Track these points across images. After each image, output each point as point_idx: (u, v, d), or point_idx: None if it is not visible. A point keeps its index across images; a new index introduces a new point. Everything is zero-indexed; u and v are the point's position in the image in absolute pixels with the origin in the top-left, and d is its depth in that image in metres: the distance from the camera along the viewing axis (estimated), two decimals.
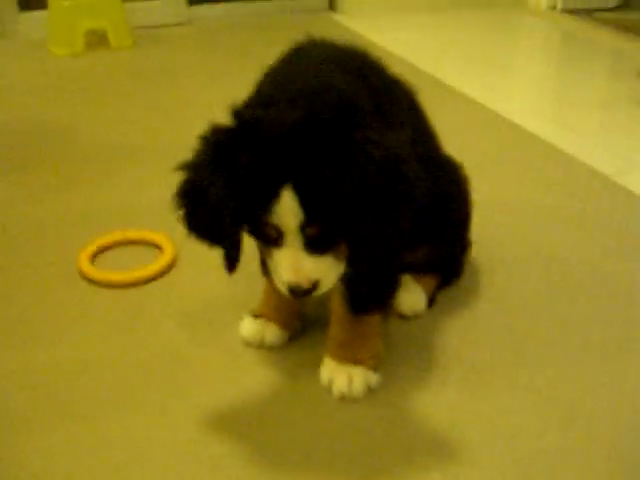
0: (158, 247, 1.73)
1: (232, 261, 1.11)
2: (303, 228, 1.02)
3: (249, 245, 1.15)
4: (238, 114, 1.05)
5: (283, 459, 1.15)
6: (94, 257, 1.70)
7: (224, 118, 1.06)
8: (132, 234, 1.77)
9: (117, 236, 1.76)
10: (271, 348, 1.39)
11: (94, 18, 3.44)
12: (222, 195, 1.02)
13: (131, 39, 3.55)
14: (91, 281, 1.62)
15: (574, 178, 2.11)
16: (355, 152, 0.99)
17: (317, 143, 0.99)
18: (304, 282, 1.06)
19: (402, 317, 1.48)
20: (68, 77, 3.13)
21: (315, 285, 1.07)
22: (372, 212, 1.02)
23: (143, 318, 1.50)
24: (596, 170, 2.14)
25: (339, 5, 4.20)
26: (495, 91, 2.85)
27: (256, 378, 1.33)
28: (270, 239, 1.07)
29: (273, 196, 0.99)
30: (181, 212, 1.11)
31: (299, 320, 1.43)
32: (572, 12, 4.18)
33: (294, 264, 1.05)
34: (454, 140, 1.54)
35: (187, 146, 1.10)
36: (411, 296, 1.48)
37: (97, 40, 3.50)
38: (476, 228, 1.60)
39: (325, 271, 1.07)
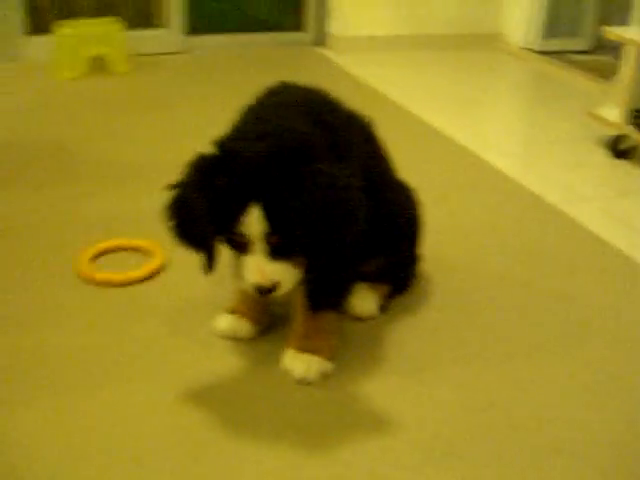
0: (149, 253, 1.96)
1: (209, 264, 1.38)
2: (266, 237, 1.28)
3: (226, 252, 1.39)
4: (219, 145, 1.32)
5: (245, 428, 1.38)
6: (92, 260, 1.92)
7: (208, 148, 1.33)
8: (126, 241, 2.00)
9: (112, 242, 1.99)
10: (242, 340, 1.63)
11: (96, 45, 3.68)
12: (203, 210, 1.29)
13: (130, 65, 3.79)
14: (88, 280, 1.84)
15: (524, 207, 2.36)
16: (306, 180, 1.27)
17: (278, 172, 1.27)
18: (266, 283, 1.32)
19: (357, 319, 1.71)
20: (70, 99, 3.37)
21: (275, 286, 1.33)
22: (319, 228, 1.29)
23: (132, 313, 1.73)
24: (544, 200, 2.39)
25: (327, 41, 4.46)
26: (466, 127, 3.11)
27: (228, 364, 1.56)
28: (240, 247, 1.32)
29: (243, 210, 1.26)
30: (169, 223, 1.37)
31: (268, 317, 1.67)
32: (546, 54, 4.44)
33: (258, 268, 1.31)
34: (421, 170, 1.80)
35: (177, 165, 1.35)
36: (365, 301, 1.72)
37: (98, 65, 3.74)
38: (430, 246, 1.84)
39: (284, 275, 1.34)
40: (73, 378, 1.51)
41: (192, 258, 1.42)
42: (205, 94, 3.31)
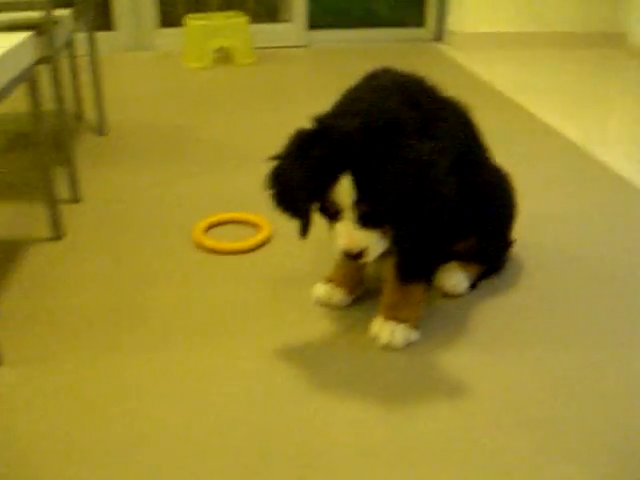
0: (257, 227, 2.11)
1: (304, 230, 1.51)
2: (355, 206, 1.39)
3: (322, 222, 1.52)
4: (317, 121, 1.44)
5: (332, 385, 1.50)
6: (206, 230, 2.10)
7: (308, 124, 1.46)
8: (237, 215, 2.17)
9: (225, 215, 2.16)
10: (336, 307, 1.75)
11: (223, 37, 3.91)
12: (300, 179, 1.42)
13: (253, 57, 3.99)
14: (201, 248, 2.02)
15: (630, 203, 2.37)
16: (394, 153, 1.37)
17: (369, 145, 1.38)
18: (354, 248, 1.43)
19: (446, 295, 1.80)
20: (198, 87, 3.60)
21: (363, 252, 1.44)
22: (403, 199, 1.39)
23: (238, 278, 1.89)
24: None
25: (446, 37, 4.53)
26: (580, 125, 3.11)
27: (321, 327, 1.69)
28: (332, 214, 1.44)
29: (336, 180, 1.38)
30: (270, 191, 1.51)
31: (361, 287, 1.79)
32: None
33: (348, 234, 1.43)
34: (528, 162, 1.84)
35: None
36: (455, 278, 1.80)
37: (224, 57, 3.97)
38: (527, 233, 1.90)
39: (371, 242, 1.45)
40: (178, 332, 1.67)
41: (295, 231, 1.55)
42: (324, 85, 3.45)
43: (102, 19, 3.98)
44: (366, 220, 1.43)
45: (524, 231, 1.99)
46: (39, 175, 2.06)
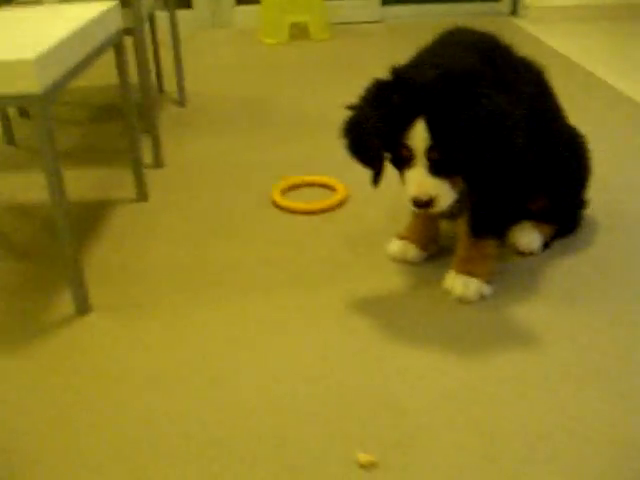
0: (334, 189, 2.17)
1: (376, 179, 1.56)
2: (428, 152, 1.43)
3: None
4: (394, 71, 1.49)
5: (405, 334, 1.55)
6: (284, 191, 2.17)
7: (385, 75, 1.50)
8: (314, 178, 2.24)
9: (302, 178, 2.23)
10: (410, 263, 1.80)
11: (298, 13, 3.97)
12: (375, 124, 1.46)
13: (329, 33, 4.05)
14: (280, 208, 2.09)
15: None
16: (471, 102, 1.40)
17: (445, 93, 1.41)
18: (424, 196, 1.47)
19: (519, 253, 1.83)
20: (273, 61, 3.68)
21: (432, 200, 1.47)
22: (476, 147, 1.42)
23: (315, 236, 1.96)
24: None
25: (521, 11, 4.49)
26: None
27: (396, 282, 1.74)
28: (404, 160, 1.48)
29: (410, 124, 1.42)
30: (345, 140, 1.56)
31: (435, 245, 1.83)
32: None
33: (418, 181, 1.47)
34: (614, 140, 1.84)
35: None
36: (528, 237, 1.83)
37: (300, 32, 4.03)
38: (606, 195, 1.91)
39: (441, 191, 1.48)
40: (257, 287, 1.75)
41: (370, 195, 1.60)
42: (397, 59, 3.45)
43: None
44: (438, 168, 1.46)
45: (600, 195, 1.99)
46: (126, 143, 2.16)
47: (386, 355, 1.49)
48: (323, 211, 2.08)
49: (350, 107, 1.56)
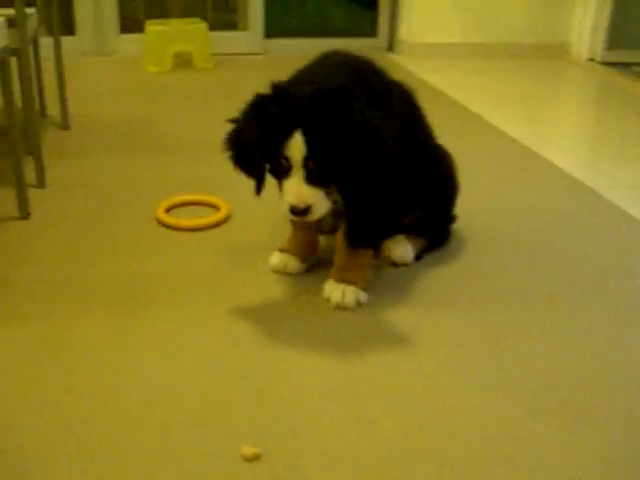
0: (217, 208, 2.23)
1: (259, 188, 1.64)
2: (305, 162, 1.52)
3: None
4: (273, 86, 1.58)
5: (288, 340, 1.62)
6: (167, 210, 2.21)
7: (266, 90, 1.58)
8: (198, 197, 2.29)
9: (185, 197, 2.28)
10: (291, 274, 1.87)
11: (182, 43, 4.03)
12: (256, 136, 1.54)
13: (212, 63, 4.12)
14: (164, 225, 2.13)
15: (562, 188, 2.55)
16: (344, 116, 1.51)
17: (320, 107, 1.52)
18: (301, 203, 1.55)
19: (393, 264, 1.94)
20: (156, 89, 3.72)
21: (309, 209, 1.56)
22: (350, 159, 1.53)
23: (197, 251, 2.01)
24: (584, 184, 2.58)
25: (397, 46, 4.71)
26: (524, 125, 3.29)
27: (277, 291, 1.81)
28: (283, 170, 1.56)
29: (288, 135, 1.51)
30: (228, 152, 1.62)
31: (314, 256, 1.91)
32: (610, 64, 4.57)
33: (296, 189, 1.55)
34: (482, 164, 1.99)
35: None
36: (402, 248, 1.94)
37: (183, 61, 4.09)
38: (470, 214, 2.07)
39: (317, 200, 1.57)
40: (143, 299, 1.78)
41: (252, 214, 1.65)
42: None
43: (63, 24, 4.06)
44: (314, 177, 1.55)
45: (468, 214, 2.14)
46: (9, 162, 2.15)
47: (268, 360, 1.55)
48: (206, 228, 2.13)
49: (232, 120, 1.63)
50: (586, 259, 2.03)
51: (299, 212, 1.57)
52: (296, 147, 1.51)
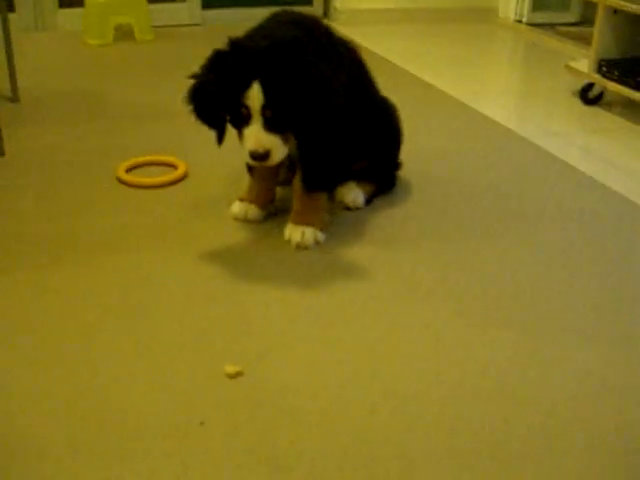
0: (173, 166, 2.34)
1: (220, 138, 1.77)
2: (263, 110, 1.65)
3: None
4: (231, 41, 1.70)
5: (253, 278, 1.76)
6: (128, 170, 2.31)
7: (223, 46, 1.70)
8: (155, 157, 2.39)
9: (143, 159, 2.38)
10: (252, 222, 2.01)
11: (123, 15, 4.07)
12: (216, 88, 1.66)
13: (152, 34, 4.18)
14: (125, 184, 2.23)
15: (498, 138, 2.74)
16: (299, 67, 1.65)
17: (276, 59, 1.65)
18: (260, 148, 1.68)
19: (346, 208, 2.09)
20: (100, 61, 3.77)
21: (268, 153, 1.69)
22: (305, 107, 1.67)
23: (161, 206, 2.12)
24: (517, 133, 2.77)
25: (333, 14, 4.84)
26: (464, 86, 3.47)
27: (240, 237, 1.95)
28: (243, 119, 1.69)
29: (247, 86, 1.64)
30: (190, 106, 1.75)
31: (272, 205, 2.05)
32: (536, 25, 4.78)
33: (255, 136, 1.68)
34: (424, 118, 2.16)
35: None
36: (353, 193, 2.09)
37: (124, 34, 4.14)
38: (417, 160, 2.23)
39: (275, 145, 1.70)
40: (113, 250, 1.89)
41: (208, 170, 1.77)
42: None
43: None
44: (271, 124, 1.68)
45: (413, 162, 2.30)
46: None
47: (239, 294, 1.70)
48: (167, 185, 2.24)
49: (192, 76, 1.75)
50: (519, 199, 2.22)
51: (258, 157, 1.69)
52: (254, 96, 1.64)
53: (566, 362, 1.49)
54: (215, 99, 1.69)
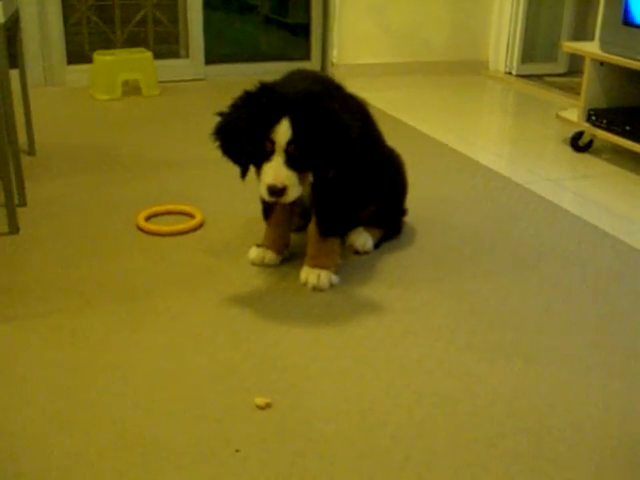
0: (190, 215, 2.46)
1: (244, 173, 1.90)
2: (288, 145, 1.78)
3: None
4: (261, 84, 1.86)
5: (274, 318, 1.88)
6: (146, 219, 2.43)
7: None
8: (173, 206, 2.52)
9: (162, 207, 2.51)
10: (269, 266, 2.13)
11: (130, 71, 4.25)
12: (244, 122, 1.81)
13: (158, 89, 4.35)
14: (145, 232, 2.36)
15: (494, 185, 2.88)
16: (324, 112, 1.81)
17: (305, 102, 1.80)
18: (279, 183, 1.80)
19: (356, 253, 2.22)
20: (109, 115, 3.92)
21: (284, 190, 1.81)
22: (326, 149, 1.81)
23: (182, 252, 2.24)
24: (511, 180, 2.91)
25: (330, 69, 5.03)
26: (452, 132, 3.63)
27: (259, 280, 2.07)
28: (265, 154, 1.81)
29: (276, 121, 1.78)
30: (217, 141, 1.89)
31: (288, 249, 2.17)
32: (526, 77, 4.98)
33: (275, 170, 1.81)
34: (422, 166, 2.34)
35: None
36: (362, 238, 2.22)
37: (131, 89, 4.30)
38: (417, 208, 2.38)
39: (292, 183, 1.82)
40: (138, 295, 2.01)
41: (224, 218, 1.90)
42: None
43: (11, 57, 4.22)
44: (292, 161, 1.81)
45: (416, 209, 2.44)
46: None
47: (262, 332, 1.82)
48: (185, 232, 2.36)
49: (219, 114, 1.89)
50: (517, 241, 2.35)
51: (276, 192, 1.81)
52: (282, 131, 1.78)
53: (568, 389, 1.61)
54: (242, 133, 1.82)
